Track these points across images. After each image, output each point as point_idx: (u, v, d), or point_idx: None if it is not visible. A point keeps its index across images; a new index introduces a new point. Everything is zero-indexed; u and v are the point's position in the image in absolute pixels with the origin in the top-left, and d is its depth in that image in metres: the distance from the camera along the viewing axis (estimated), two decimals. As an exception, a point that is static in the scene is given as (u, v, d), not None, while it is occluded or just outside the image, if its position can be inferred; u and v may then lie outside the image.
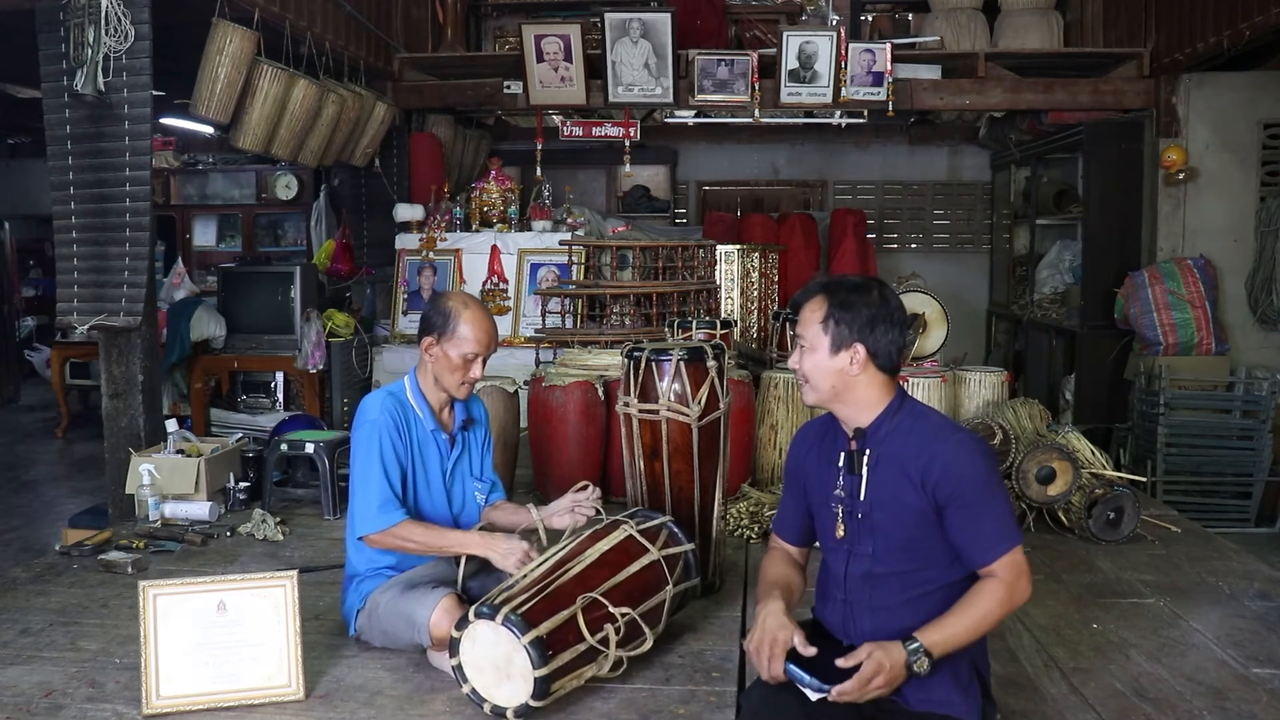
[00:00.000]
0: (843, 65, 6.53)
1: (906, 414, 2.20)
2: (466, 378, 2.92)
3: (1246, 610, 3.25)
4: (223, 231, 9.30)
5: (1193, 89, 6.42)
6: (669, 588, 2.78)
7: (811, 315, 2.21)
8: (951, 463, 2.10)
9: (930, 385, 4.57)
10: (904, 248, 9.48)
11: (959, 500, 2.09)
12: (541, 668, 2.37)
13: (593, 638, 2.48)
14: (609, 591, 2.59)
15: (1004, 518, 2.12)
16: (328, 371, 6.40)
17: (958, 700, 2.08)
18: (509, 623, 2.38)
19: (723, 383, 3.36)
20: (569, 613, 2.48)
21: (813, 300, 2.22)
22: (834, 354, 2.18)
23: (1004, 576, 2.09)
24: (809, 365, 2.21)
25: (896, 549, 2.15)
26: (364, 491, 2.82)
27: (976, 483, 2.10)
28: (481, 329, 2.90)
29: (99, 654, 2.88)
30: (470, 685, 2.47)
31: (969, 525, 2.10)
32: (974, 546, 2.12)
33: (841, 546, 2.22)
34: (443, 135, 7.30)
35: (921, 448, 2.13)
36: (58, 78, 4.28)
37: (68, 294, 4.39)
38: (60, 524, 5.07)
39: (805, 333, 2.22)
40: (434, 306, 2.93)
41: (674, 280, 5.43)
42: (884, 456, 2.17)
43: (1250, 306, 6.32)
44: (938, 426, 2.19)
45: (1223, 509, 5.88)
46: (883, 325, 2.17)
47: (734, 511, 4.01)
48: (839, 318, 2.18)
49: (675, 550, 2.89)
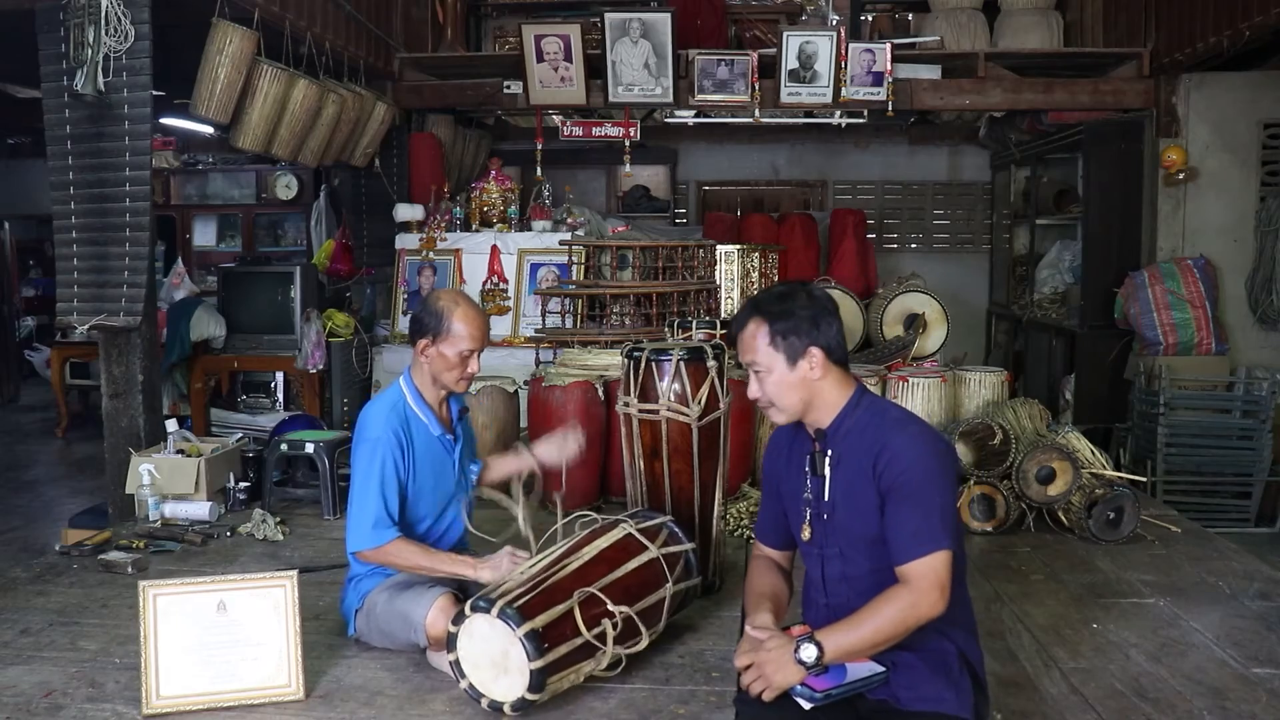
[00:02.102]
0: (843, 65, 6.53)
1: (865, 410, 2.18)
2: (465, 374, 2.94)
3: (1246, 610, 3.25)
4: (223, 231, 9.30)
5: (1193, 89, 6.42)
6: (669, 586, 2.78)
7: (754, 339, 2.18)
8: (899, 452, 2.06)
9: (930, 385, 4.57)
10: (904, 248, 9.48)
11: (896, 491, 2.05)
12: (537, 660, 2.37)
13: (589, 633, 2.48)
14: (607, 587, 2.59)
15: (933, 519, 2.03)
16: (328, 371, 6.40)
17: (949, 697, 2.06)
18: (505, 615, 2.39)
19: (723, 383, 3.36)
20: (566, 606, 2.48)
21: (749, 325, 2.19)
22: (793, 367, 2.16)
23: (915, 583, 2.01)
24: (772, 388, 2.19)
25: (862, 547, 2.12)
26: (360, 508, 2.83)
27: (916, 476, 2.04)
28: (475, 325, 2.92)
29: (99, 654, 2.88)
30: (467, 680, 2.47)
31: (896, 518, 2.05)
32: (895, 542, 2.05)
33: (812, 549, 2.22)
34: (443, 135, 7.30)
35: (876, 438, 2.11)
36: (58, 78, 4.28)
37: (68, 294, 4.39)
38: (60, 524, 5.06)
39: (755, 359, 2.19)
40: (424, 308, 2.94)
41: (674, 280, 5.43)
42: (845, 454, 2.15)
43: (1250, 306, 6.32)
44: (895, 420, 2.16)
45: (1223, 509, 5.87)
46: (824, 319, 2.18)
47: (734, 511, 4.01)
48: (783, 329, 2.16)
49: (675, 549, 2.89)
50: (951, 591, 2.04)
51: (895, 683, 2.06)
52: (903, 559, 2.04)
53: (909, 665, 2.08)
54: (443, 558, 2.86)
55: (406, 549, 2.82)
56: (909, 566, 2.03)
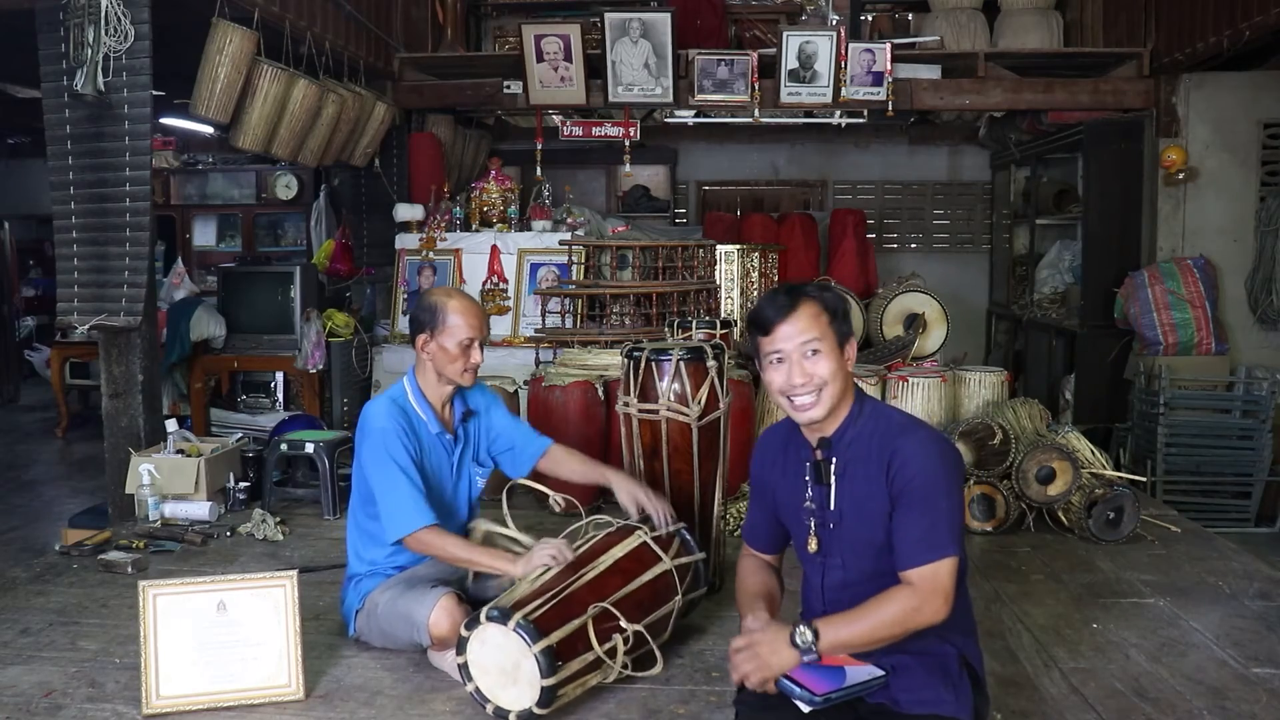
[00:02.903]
0: (843, 65, 6.53)
1: (869, 416, 2.15)
2: (468, 364, 2.94)
3: (1246, 610, 3.25)
4: (223, 231, 9.30)
5: (1193, 89, 6.42)
6: (678, 598, 2.77)
7: (818, 317, 2.11)
8: (910, 457, 2.04)
9: (930, 385, 4.57)
10: (904, 248, 9.48)
11: (906, 496, 2.03)
12: (550, 677, 2.36)
13: (601, 648, 2.47)
14: (621, 601, 2.58)
15: (940, 525, 2.00)
16: (328, 371, 6.40)
17: (948, 699, 2.06)
18: (520, 629, 2.37)
19: (723, 382, 3.36)
20: (580, 622, 2.46)
21: (802, 305, 2.11)
22: (840, 352, 2.13)
23: (920, 588, 1.99)
24: (828, 370, 2.10)
25: (869, 555, 2.10)
26: (390, 496, 2.79)
27: (925, 481, 2.02)
28: (470, 313, 2.93)
29: (99, 654, 2.88)
30: (475, 684, 2.47)
31: (904, 523, 2.03)
32: (900, 546, 2.03)
33: (815, 559, 2.19)
34: (443, 135, 7.30)
35: (885, 443, 2.08)
36: (58, 78, 4.28)
37: (68, 294, 4.39)
38: (60, 524, 5.06)
39: (818, 335, 2.09)
40: (419, 306, 2.96)
41: (674, 280, 5.43)
42: (851, 462, 2.12)
43: (1250, 306, 6.32)
44: (902, 424, 2.13)
45: (1223, 509, 5.87)
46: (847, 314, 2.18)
47: (734, 511, 4.01)
48: (835, 311, 2.14)
49: (687, 560, 2.88)
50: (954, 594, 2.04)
51: (894, 685, 2.05)
52: (907, 564, 2.02)
53: (908, 668, 2.07)
54: (480, 551, 2.84)
55: (447, 538, 2.80)
56: (914, 572, 2.01)
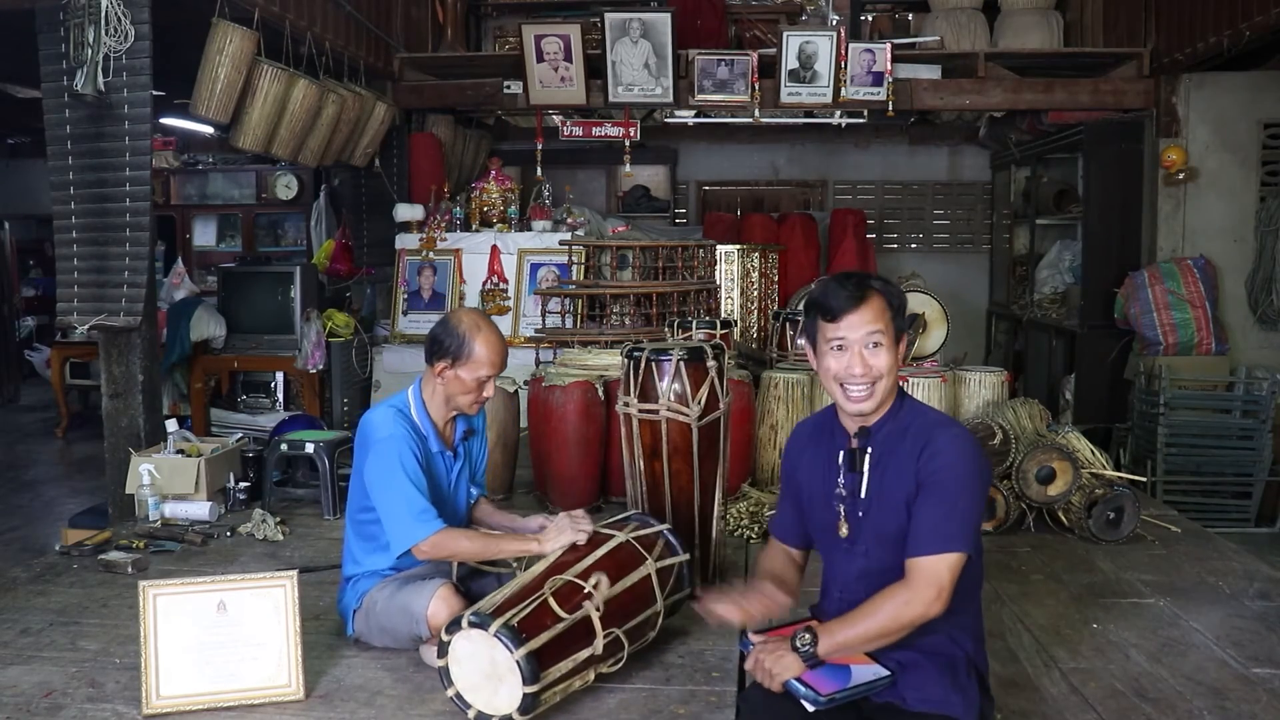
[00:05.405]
0: (843, 65, 6.53)
1: (908, 411, 2.17)
2: (480, 398, 2.90)
3: (1246, 610, 3.25)
4: (223, 231, 9.30)
5: (1193, 89, 6.42)
6: (660, 603, 2.75)
7: (885, 310, 2.11)
8: (940, 449, 2.06)
9: (930, 385, 4.56)
10: (904, 248, 9.48)
11: (928, 486, 2.04)
12: (532, 684, 2.33)
13: (580, 654, 2.45)
14: (606, 603, 2.56)
15: (954, 519, 2.01)
16: (328, 371, 6.40)
17: (956, 700, 2.07)
18: (502, 635, 2.34)
19: (723, 383, 3.35)
20: (563, 626, 2.44)
21: (871, 297, 2.10)
22: (896, 346, 2.14)
23: (915, 579, 2.00)
24: (886, 364, 2.11)
25: (891, 546, 2.11)
26: (395, 506, 2.75)
27: (949, 475, 2.04)
28: (496, 351, 2.85)
29: (99, 654, 2.88)
30: (455, 689, 2.43)
31: (920, 511, 2.04)
32: (912, 533, 2.04)
33: (840, 545, 2.20)
34: (443, 135, 7.30)
35: (919, 436, 2.10)
36: (58, 78, 4.28)
37: (68, 294, 4.39)
38: (60, 524, 5.07)
39: (883, 328, 2.09)
40: (445, 329, 2.86)
41: (674, 280, 5.43)
42: (886, 453, 2.14)
43: (1250, 306, 6.32)
44: (938, 420, 2.17)
45: (1223, 509, 5.87)
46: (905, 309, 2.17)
47: (734, 511, 4.01)
48: (897, 306, 2.14)
49: (670, 561, 2.87)
50: (966, 598, 2.05)
51: (902, 683, 2.06)
52: (914, 551, 2.03)
53: (917, 666, 2.08)
54: (501, 538, 2.80)
55: (460, 536, 2.78)
56: (917, 560, 2.02)
